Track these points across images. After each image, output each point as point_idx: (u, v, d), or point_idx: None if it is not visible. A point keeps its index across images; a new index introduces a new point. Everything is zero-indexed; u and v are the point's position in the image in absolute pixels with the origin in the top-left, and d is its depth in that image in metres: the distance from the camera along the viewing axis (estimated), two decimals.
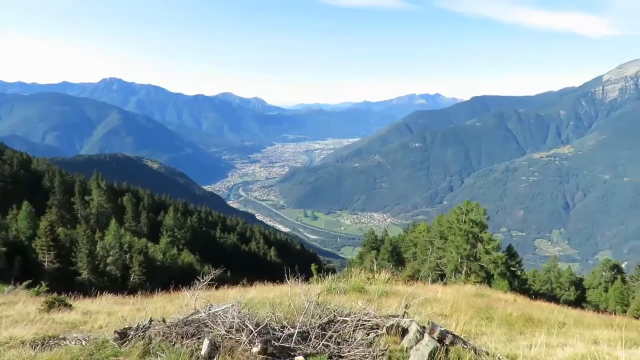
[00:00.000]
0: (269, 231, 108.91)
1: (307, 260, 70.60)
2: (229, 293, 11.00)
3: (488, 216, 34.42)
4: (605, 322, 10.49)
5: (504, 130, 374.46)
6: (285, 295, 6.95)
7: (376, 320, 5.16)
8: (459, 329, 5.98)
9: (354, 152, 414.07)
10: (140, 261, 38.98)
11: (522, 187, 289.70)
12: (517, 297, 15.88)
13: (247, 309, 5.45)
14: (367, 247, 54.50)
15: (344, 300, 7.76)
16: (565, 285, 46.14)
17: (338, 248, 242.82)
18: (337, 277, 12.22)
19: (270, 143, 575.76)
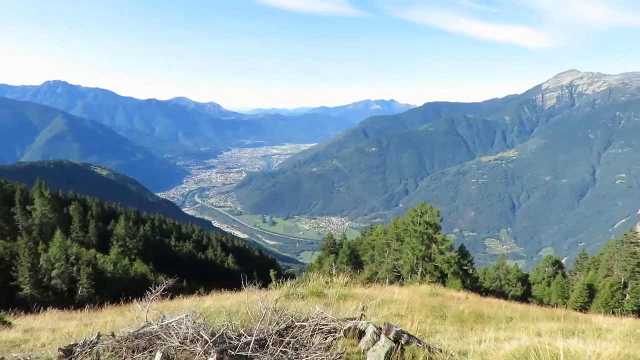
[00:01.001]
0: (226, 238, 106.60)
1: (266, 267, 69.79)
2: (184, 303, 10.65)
3: (441, 218, 35.47)
4: (548, 314, 11.16)
5: (454, 135, 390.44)
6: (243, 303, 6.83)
7: (334, 324, 5.19)
8: (414, 328, 6.14)
9: (312, 157, 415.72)
10: (88, 273, 36.84)
11: (473, 189, 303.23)
12: (469, 295, 16.52)
13: (202, 318, 5.30)
14: (326, 251, 54.62)
15: (302, 305, 7.74)
16: (513, 281, 48.58)
17: (297, 253, 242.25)
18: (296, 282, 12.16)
19: (226, 148, 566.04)
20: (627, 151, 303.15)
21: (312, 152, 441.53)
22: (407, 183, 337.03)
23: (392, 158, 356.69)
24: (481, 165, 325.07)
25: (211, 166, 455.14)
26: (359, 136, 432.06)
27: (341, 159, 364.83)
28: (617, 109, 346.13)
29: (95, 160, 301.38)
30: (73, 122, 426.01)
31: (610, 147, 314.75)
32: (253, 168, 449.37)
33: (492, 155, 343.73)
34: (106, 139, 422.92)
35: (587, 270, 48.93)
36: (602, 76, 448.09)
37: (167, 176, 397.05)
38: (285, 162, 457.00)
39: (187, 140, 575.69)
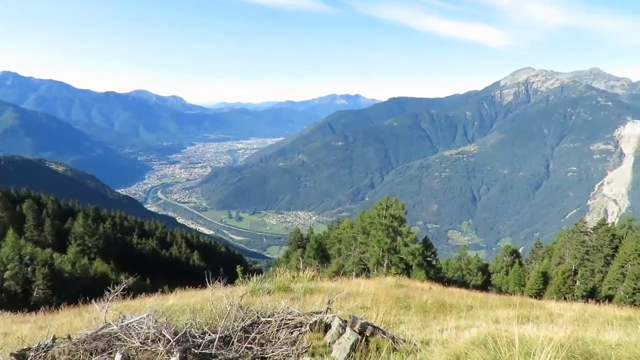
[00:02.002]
0: (191, 234, 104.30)
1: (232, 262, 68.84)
2: (146, 302, 10.34)
3: (406, 210, 36.17)
4: (506, 302, 11.67)
5: (418, 129, 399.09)
6: (208, 300, 6.71)
7: (300, 318, 5.19)
8: (379, 319, 6.25)
9: (278, 151, 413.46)
10: (44, 274, 35.07)
11: (436, 182, 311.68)
12: (433, 286, 16.98)
13: (164, 317, 5.16)
14: (293, 246, 54.67)
15: (269, 300, 7.70)
16: (474, 271, 50.41)
17: (264, 248, 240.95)
18: (262, 277, 12.08)
19: (190, 143, 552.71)
20: (577, 145, 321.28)
21: (278, 147, 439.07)
22: (373, 177, 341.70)
23: (358, 152, 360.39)
24: (444, 159, 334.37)
25: (175, 161, 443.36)
26: (325, 131, 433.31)
27: (308, 154, 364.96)
28: (569, 106, 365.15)
29: (50, 156, 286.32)
30: (25, 115, 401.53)
31: (562, 142, 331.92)
32: (218, 163, 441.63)
33: (454, 150, 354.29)
34: (62, 133, 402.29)
35: (541, 258, 51.50)
36: (555, 74, 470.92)
37: (128, 172, 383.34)
38: (251, 157, 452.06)
39: (148, 135, 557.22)
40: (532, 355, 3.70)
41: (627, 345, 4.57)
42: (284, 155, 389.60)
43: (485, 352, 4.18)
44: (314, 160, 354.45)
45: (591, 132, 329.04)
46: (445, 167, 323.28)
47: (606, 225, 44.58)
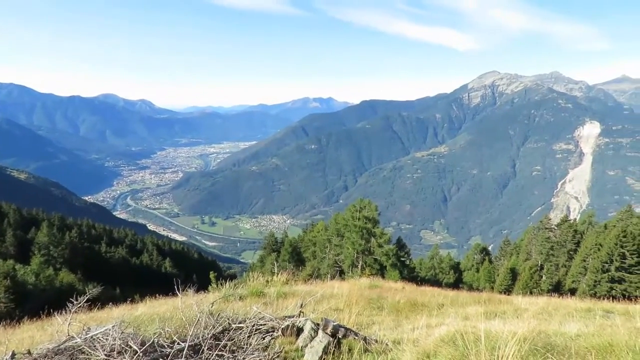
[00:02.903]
0: (162, 241, 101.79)
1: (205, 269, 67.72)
2: (114, 312, 10.02)
3: (379, 212, 36.54)
4: (475, 299, 11.98)
5: (390, 131, 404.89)
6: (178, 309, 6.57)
7: (272, 323, 5.16)
8: (351, 321, 6.29)
9: (251, 155, 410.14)
10: (6, 286, 33.34)
11: (408, 183, 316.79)
12: (406, 285, 17.21)
13: (132, 328, 5.02)
14: (268, 250, 54.27)
15: (241, 306, 7.62)
16: (446, 269, 51.48)
17: (238, 253, 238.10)
18: (236, 283, 11.94)
19: (160, 148, 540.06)
20: (541, 146, 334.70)
21: (251, 151, 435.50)
22: (346, 179, 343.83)
23: (332, 155, 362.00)
24: (415, 161, 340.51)
25: (144, 167, 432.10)
26: (298, 134, 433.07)
27: (281, 157, 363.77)
28: (532, 107, 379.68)
29: (11, 163, 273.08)
30: None
31: (527, 142, 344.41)
32: (190, 168, 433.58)
33: (425, 151, 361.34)
34: (24, 139, 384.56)
35: (510, 255, 53.16)
36: (519, 77, 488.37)
37: (96, 178, 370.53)
38: (223, 161, 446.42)
39: (116, 140, 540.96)
40: (497, 349, 3.81)
41: (586, 336, 4.78)
42: (257, 159, 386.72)
43: (454, 349, 4.28)
44: (288, 164, 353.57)
45: (553, 133, 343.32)
46: (417, 169, 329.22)
47: (568, 221, 46.51)
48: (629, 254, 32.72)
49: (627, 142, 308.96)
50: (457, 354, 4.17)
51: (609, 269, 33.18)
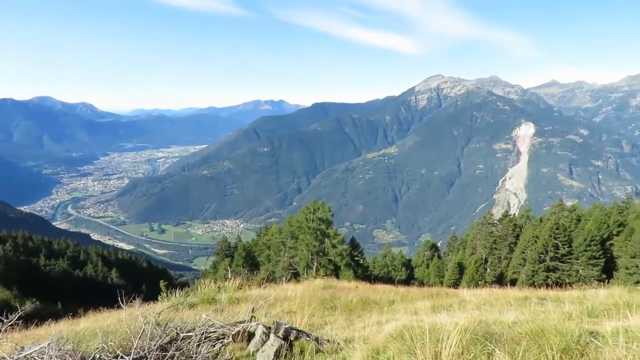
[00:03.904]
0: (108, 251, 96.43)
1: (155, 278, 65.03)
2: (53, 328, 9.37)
3: (333, 213, 36.90)
4: (425, 294, 12.44)
5: (342, 133, 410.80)
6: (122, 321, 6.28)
7: (222, 329, 5.07)
8: (304, 322, 6.32)
9: (202, 159, 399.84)
10: None
11: (360, 184, 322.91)
12: (359, 284, 17.50)
13: (71, 344, 4.73)
14: (221, 256, 53.16)
15: (191, 314, 7.41)
16: (398, 267, 52.95)
17: (190, 260, 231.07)
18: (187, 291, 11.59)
19: (104, 153, 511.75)
20: (483, 146, 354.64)
21: (201, 154, 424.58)
22: (299, 181, 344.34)
23: (284, 157, 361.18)
24: (367, 162, 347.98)
25: (86, 173, 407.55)
26: (250, 137, 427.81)
27: (233, 161, 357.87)
28: (474, 110, 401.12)
29: None
30: None
31: (470, 143, 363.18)
32: (136, 173, 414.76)
33: (376, 152, 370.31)
34: None
35: (457, 250, 55.65)
36: (462, 81, 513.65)
37: (32, 187, 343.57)
38: (172, 166, 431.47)
39: (55, 146, 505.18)
40: (441, 341, 4.00)
41: (521, 323, 5.12)
42: (208, 162, 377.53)
43: (402, 344, 4.43)
44: (240, 167, 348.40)
45: (493, 133, 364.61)
46: (368, 169, 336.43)
47: (509, 216, 49.49)
48: (561, 245, 35.35)
49: (557, 142, 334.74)
50: (405, 348, 4.32)
51: (544, 259, 35.67)
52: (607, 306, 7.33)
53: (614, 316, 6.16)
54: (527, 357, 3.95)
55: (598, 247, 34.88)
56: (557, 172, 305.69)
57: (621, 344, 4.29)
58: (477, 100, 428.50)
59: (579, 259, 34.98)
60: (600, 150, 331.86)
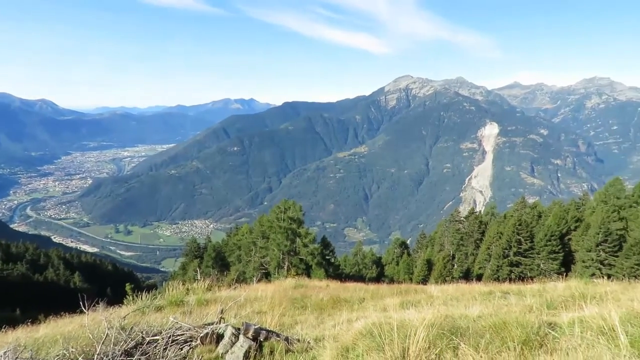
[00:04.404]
0: (71, 254, 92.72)
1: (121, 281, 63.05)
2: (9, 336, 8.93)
3: (304, 212, 36.90)
4: (394, 291, 12.66)
5: (313, 133, 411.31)
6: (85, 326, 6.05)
7: (190, 332, 4.98)
8: (274, 322, 6.29)
9: (170, 158, 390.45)
10: None
11: (331, 183, 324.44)
12: (331, 283, 17.61)
13: (29, 351, 4.52)
14: (190, 257, 52.14)
15: (158, 317, 7.24)
16: (369, 264, 53.57)
17: (158, 262, 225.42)
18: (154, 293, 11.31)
19: (65, 152, 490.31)
20: (450, 145, 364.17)
21: (169, 154, 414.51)
22: (270, 181, 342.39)
23: (255, 157, 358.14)
24: (338, 161, 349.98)
25: (47, 173, 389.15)
26: (220, 136, 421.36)
27: (202, 160, 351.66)
28: (441, 110, 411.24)
29: None
30: None
31: (438, 142, 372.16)
32: (101, 173, 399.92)
33: (347, 151, 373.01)
34: None
35: (426, 247, 56.86)
36: (430, 81, 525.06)
37: None
38: (139, 165, 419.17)
39: (12, 144, 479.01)
40: (409, 337, 4.09)
41: (485, 317, 5.30)
42: (176, 162, 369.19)
43: (371, 340, 4.50)
44: (209, 167, 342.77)
45: (460, 133, 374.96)
46: (339, 168, 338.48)
47: (475, 214, 51.02)
48: (524, 240, 36.78)
49: (520, 141, 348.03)
50: (374, 344, 4.39)
51: (508, 254, 37.02)
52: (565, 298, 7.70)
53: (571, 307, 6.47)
54: (490, 350, 4.09)
55: (557, 242, 36.52)
56: (520, 171, 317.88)
57: (577, 334, 4.52)
58: (444, 100, 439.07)
59: (540, 254, 36.52)
60: (559, 150, 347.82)
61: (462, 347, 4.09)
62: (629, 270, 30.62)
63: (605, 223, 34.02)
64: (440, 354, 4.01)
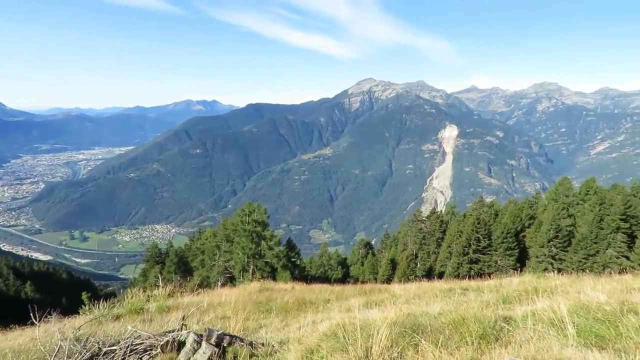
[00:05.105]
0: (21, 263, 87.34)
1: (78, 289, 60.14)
2: None
3: (269, 215, 36.69)
4: (359, 291, 12.82)
5: (277, 135, 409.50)
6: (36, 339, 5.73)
7: (150, 340, 4.82)
8: (237, 327, 6.21)
9: (129, 161, 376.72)
10: None
11: (296, 185, 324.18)
12: (296, 285, 17.57)
13: None
14: (151, 262, 50.47)
15: (117, 326, 6.97)
16: (334, 266, 53.86)
17: (117, 269, 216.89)
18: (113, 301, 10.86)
19: (15, 155, 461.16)
20: (412, 147, 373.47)
21: (128, 157, 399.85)
22: (234, 184, 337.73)
23: (218, 159, 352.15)
24: (302, 163, 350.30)
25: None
26: (181, 138, 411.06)
27: (163, 163, 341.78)
28: (403, 112, 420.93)
29: None
30: None
31: (400, 144, 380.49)
32: (54, 177, 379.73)
33: (312, 153, 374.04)
34: None
35: (390, 247, 57.92)
36: (392, 84, 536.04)
37: None
38: (96, 169, 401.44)
39: None
40: (372, 336, 4.15)
41: (446, 313, 5.48)
42: (135, 165, 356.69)
43: (335, 342, 4.53)
44: (171, 169, 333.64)
45: (421, 135, 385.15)
46: (304, 170, 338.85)
47: (436, 213, 52.51)
48: (482, 238, 38.22)
49: (478, 143, 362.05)
50: (338, 345, 4.42)
51: (468, 252, 38.34)
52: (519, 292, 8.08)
53: (525, 301, 6.81)
54: (449, 345, 4.23)
55: (513, 239, 38.24)
56: (478, 171, 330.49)
57: (529, 327, 4.77)
58: (406, 103, 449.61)
59: (498, 250, 38.10)
60: (514, 151, 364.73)
61: (422, 343, 4.20)
62: (577, 264, 32.52)
63: (555, 220, 35.96)
64: (402, 352, 4.11)
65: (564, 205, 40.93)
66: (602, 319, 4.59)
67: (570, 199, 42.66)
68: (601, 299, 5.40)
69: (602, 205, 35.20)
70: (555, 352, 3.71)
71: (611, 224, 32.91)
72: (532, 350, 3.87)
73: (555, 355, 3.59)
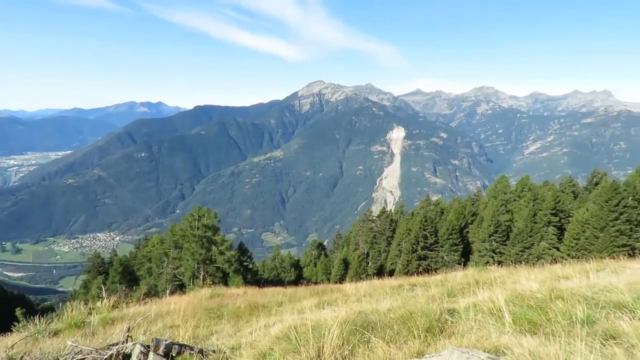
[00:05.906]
0: None
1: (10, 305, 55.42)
2: None
3: (219, 219, 35.97)
4: (312, 292, 12.90)
5: (226, 137, 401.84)
6: None
7: (92, 355, 4.58)
8: (187, 335, 6.05)
9: (66, 166, 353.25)
10: None
11: (247, 188, 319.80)
12: (249, 289, 17.35)
13: None
14: (93, 273, 47.66)
15: (55, 343, 6.53)
16: (287, 268, 53.74)
17: (55, 281, 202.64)
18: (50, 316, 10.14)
19: None
20: (361, 148, 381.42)
21: (66, 162, 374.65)
22: (182, 188, 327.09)
23: (165, 163, 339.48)
24: (253, 166, 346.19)
25: None
26: (124, 141, 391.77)
27: (104, 167, 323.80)
28: (353, 114, 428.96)
29: None
30: None
31: (350, 145, 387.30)
32: None
33: (262, 156, 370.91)
34: None
35: (342, 247, 58.70)
36: (341, 87, 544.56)
37: None
38: (29, 175, 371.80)
39: None
40: (323, 336, 4.22)
41: (395, 309, 5.68)
42: (74, 170, 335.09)
43: (287, 344, 4.56)
44: (113, 175, 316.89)
45: (371, 136, 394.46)
46: (255, 173, 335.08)
47: (386, 212, 53.96)
48: (429, 235, 39.79)
49: (423, 144, 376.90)
50: (291, 347, 4.45)
51: (416, 249, 39.76)
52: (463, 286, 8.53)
53: (467, 293, 7.20)
54: (398, 340, 4.40)
55: (457, 235, 40.19)
56: (424, 171, 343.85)
57: (471, 317, 5.07)
58: (355, 105, 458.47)
59: (444, 247, 39.85)
60: (457, 151, 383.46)
61: (373, 340, 4.33)
62: (515, 257, 34.79)
63: (495, 216, 38.24)
64: (353, 349, 4.21)
65: (502, 201, 43.64)
66: (534, 306, 4.99)
67: (508, 196, 45.55)
68: (534, 287, 5.85)
69: (536, 201, 37.92)
70: (494, 340, 3.99)
71: (543, 218, 35.56)
72: (473, 339, 4.13)
73: (493, 342, 3.85)
